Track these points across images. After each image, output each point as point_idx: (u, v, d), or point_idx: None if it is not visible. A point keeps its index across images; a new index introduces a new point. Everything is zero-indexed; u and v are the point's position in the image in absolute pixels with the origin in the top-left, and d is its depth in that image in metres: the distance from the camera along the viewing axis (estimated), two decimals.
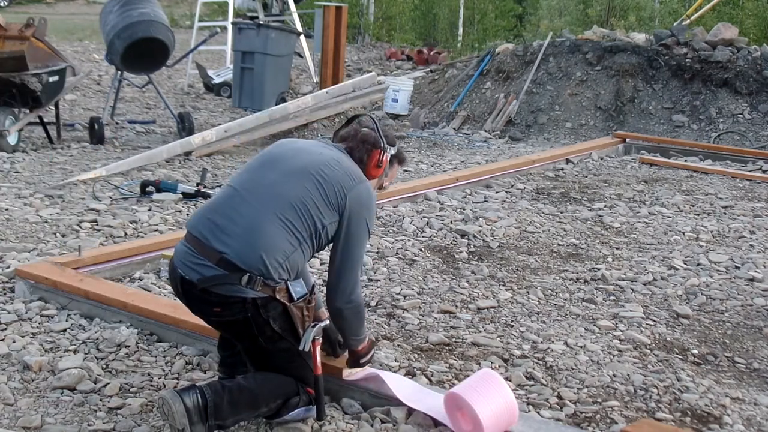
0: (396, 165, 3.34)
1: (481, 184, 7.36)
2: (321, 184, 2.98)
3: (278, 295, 2.92)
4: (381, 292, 4.55)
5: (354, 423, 3.11)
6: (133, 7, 8.67)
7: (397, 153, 3.31)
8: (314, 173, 3.00)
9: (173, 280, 3.04)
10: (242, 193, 3.01)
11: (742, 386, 3.63)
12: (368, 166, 3.18)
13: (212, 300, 2.92)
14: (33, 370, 3.48)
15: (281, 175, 3.01)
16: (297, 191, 2.96)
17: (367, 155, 3.18)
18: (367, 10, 19.90)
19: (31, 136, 8.61)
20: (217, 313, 2.97)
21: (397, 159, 3.33)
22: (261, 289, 2.88)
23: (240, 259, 2.87)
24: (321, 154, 3.10)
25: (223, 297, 2.89)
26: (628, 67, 10.99)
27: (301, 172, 3.00)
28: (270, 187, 2.99)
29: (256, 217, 2.92)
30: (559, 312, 4.41)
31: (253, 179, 3.06)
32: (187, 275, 2.93)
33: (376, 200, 3.17)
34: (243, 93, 11.02)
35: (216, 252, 2.89)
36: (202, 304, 2.98)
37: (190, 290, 2.96)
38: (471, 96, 11.66)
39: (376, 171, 3.20)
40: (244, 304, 2.89)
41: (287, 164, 3.04)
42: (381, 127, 3.25)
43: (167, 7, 20.66)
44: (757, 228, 6.24)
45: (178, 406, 2.77)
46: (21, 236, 5.30)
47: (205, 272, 2.90)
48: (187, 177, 7.24)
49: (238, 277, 2.86)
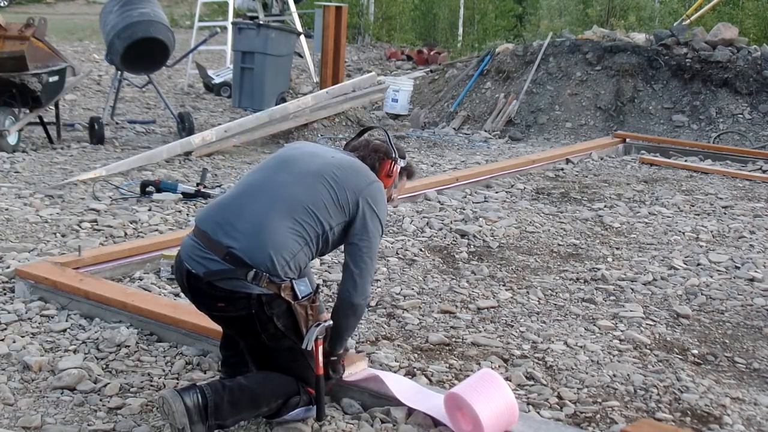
0: (405, 178, 3.39)
1: (481, 184, 7.36)
2: (333, 187, 3.01)
3: (283, 292, 2.93)
4: (381, 292, 4.55)
5: (354, 423, 3.11)
6: (133, 7, 8.67)
7: (407, 166, 3.36)
8: (327, 176, 3.03)
9: (179, 274, 3.05)
10: (253, 191, 3.03)
11: (742, 386, 3.63)
12: (379, 175, 3.20)
13: (217, 294, 2.93)
14: (33, 370, 3.48)
15: (294, 176, 3.03)
16: (308, 193, 2.98)
17: (379, 163, 3.22)
18: (367, 10, 19.91)
19: (31, 136, 8.61)
20: (221, 308, 2.98)
21: (406, 172, 3.38)
22: (266, 286, 2.89)
23: (247, 254, 2.89)
24: (333, 157, 3.14)
25: (228, 292, 2.91)
26: (628, 67, 11.00)
27: (314, 175, 3.03)
28: (282, 187, 3.01)
29: (266, 214, 2.94)
30: (559, 312, 4.41)
31: (265, 178, 3.09)
32: (193, 269, 2.95)
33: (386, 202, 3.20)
34: (243, 93, 11.02)
35: (223, 246, 2.91)
36: (207, 299, 2.99)
37: (195, 284, 2.97)
38: (471, 96, 11.66)
39: (387, 180, 3.24)
40: (249, 300, 2.90)
41: (301, 166, 3.07)
42: (392, 139, 3.30)
43: (167, 7, 20.66)
44: (757, 228, 6.24)
45: (178, 406, 2.77)
46: (21, 236, 5.30)
47: (211, 266, 2.91)
48: (187, 177, 7.24)
49: (244, 273, 2.88)
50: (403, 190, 3.47)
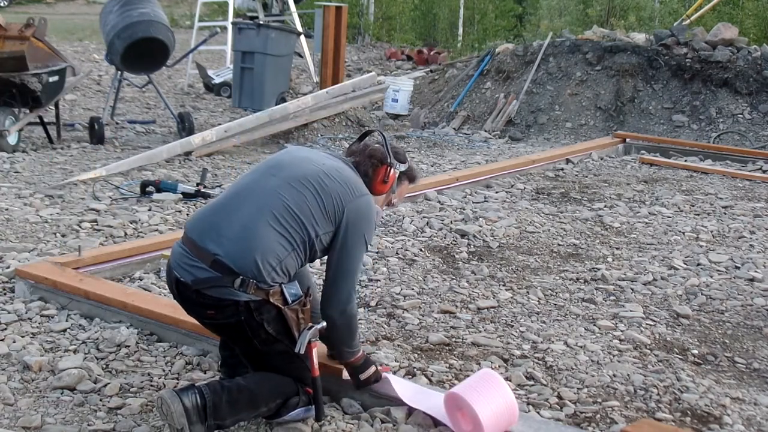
0: (405, 182, 3.32)
1: (481, 184, 7.36)
2: (319, 194, 2.97)
3: (272, 298, 2.91)
4: (381, 292, 4.55)
5: (354, 423, 3.11)
6: (133, 7, 8.67)
7: (408, 170, 3.29)
8: (314, 182, 2.99)
9: (169, 281, 3.05)
10: (240, 196, 3.02)
11: (742, 386, 3.63)
12: (374, 181, 3.16)
13: (206, 302, 2.92)
14: (33, 370, 3.48)
15: (282, 181, 3.00)
16: (295, 198, 2.95)
17: (373, 170, 3.16)
18: (367, 10, 19.92)
19: (31, 136, 8.60)
20: (210, 315, 2.97)
21: (406, 176, 3.30)
22: (254, 293, 2.87)
23: (233, 261, 2.87)
24: (324, 164, 3.09)
25: (216, 300, 2.89)
26: (628, 67, 11.00)
27: (302, 180, 3.00)
28: (269, 192, 2.98)
29: (252, 219, 2.92)
30: (559, 312, 4.41)
31: (255, 181, 3.07)
32: (181, 276, 2.94)
33: (379, 216, 3.16)
34: (243, 93, 11.02)
35: (209, 254, 2.89)
36: (197, 306, 2.99)
37: (184, 291, 2.97)
38: (471, 96, 11.66)
39: (382, 186, 3.18)
40: (237, 308, 2.89)
41: (290, 171, 3.04)
42: (390, 143, 3.21)
43: (167, 7, 20.66)
44: (757, 228, 6.24)
45: (177, 406, 2.77)
46: (21, 236, 5.30)
47: (198, 274, 2.90)
48: (187, 177, 7.23)
49: (231, 280, 2.86)
50: (404, 194, 3.41)
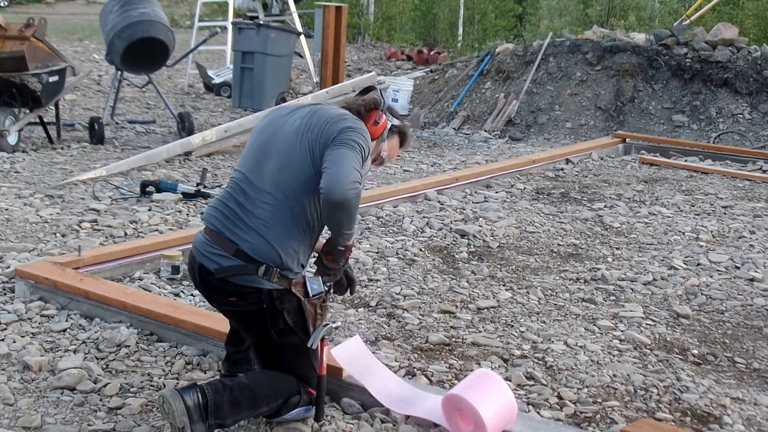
0: (396, 138, 3.21)
1: (481, 184, 7.36)
2: (311, 150, 2.91)
3: (294, 288, 2.94)
4: (381, 292, 4.55)
5: (354, 423, 3.11)
6: (133, 7, 8.67)
7: (400, 127, 3.20)
8: (301, 146, 2.93)
9: (191, 268, 3.06)
10: (250, 184, 3.00)
11: (742, 386, 3.63)
12: (366, 121, 3.05)
13: (228, 289, 2.95)
14: (33, 370, 3.48)
15: (277, 161, 2.96)
16: (295, 175, 2.92)
17: (366, 109, 3.08)
18: (367, 10, 19.93)
19: (31, 136, 8.61)
20: (232, 302, 2.99)
21: (398, 133, 3.20)
22: (278, 281, 2.91)
23: (255, 251, 2.90)
24: (301, 118, 3.01)
25: (239, 287, 2.92)
26: (628, 67, 11.00)
27: (292, 152, 2.93)
28: (272, 176, 2.96)
29: (267, 209, 2.92)
30: (559, 312, 4.41)
31: (257, 163, 3.01)
32: (205, 264, 2.97)
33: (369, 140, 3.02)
34: (243, 93, 11.03)
35: (232, 243, 2.92)
36: (218, 294, 3.01)
37: (207, 278, 2.99)
38: (471, 96, 11.66)
39: (374, 129, 3.06)
40: (260, 295, 2.92)
41: (278, 147, 2.98)
42: (387, 100, 3.14)
43: (167, 7, 20.68)
44: (757, 228, 6.24)
45: (178, 405, 2.77)
46: (21, 236, 5.30)
47: (222, 262, 2.93)
48: (187, 177, 7.24)
49: (255, 268, 2.89)
50: (394, 154, 3.26)
